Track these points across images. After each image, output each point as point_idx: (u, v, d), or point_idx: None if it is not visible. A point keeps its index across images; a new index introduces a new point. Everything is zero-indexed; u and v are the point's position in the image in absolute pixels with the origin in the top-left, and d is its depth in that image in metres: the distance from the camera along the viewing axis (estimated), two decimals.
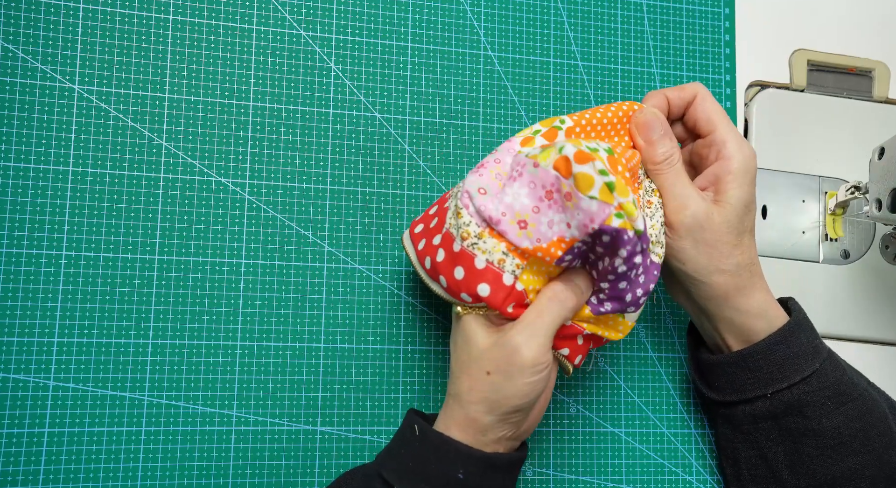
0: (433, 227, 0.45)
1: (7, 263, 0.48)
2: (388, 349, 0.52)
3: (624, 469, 0.54)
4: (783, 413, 0.48)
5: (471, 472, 0.41)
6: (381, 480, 0.42)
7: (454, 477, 0.41)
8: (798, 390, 0.47)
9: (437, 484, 0.41)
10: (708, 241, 0.47)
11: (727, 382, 0.50)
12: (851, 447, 0.47)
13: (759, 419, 0.49)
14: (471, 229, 0.42)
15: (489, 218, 0.42)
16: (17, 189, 0.48)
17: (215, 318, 0.50)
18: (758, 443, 0.50)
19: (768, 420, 0.49)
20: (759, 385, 0.48)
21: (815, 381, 0.47)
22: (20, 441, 0.47)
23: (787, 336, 0.48)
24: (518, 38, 0.57)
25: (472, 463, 0.41)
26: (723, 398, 0.51)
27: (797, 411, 0.48)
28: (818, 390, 0.47)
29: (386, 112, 0.54)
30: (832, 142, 0.62)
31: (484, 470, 0.42)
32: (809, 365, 0.48)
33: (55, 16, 0.50)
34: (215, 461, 0.49)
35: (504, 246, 0.42)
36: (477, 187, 0.43)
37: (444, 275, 0.43)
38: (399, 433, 0.44)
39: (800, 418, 0.48)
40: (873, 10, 0.65)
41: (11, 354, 0.47)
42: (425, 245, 0.45)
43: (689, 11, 0.60)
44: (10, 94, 0.49)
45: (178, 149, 0.51)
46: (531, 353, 0.41)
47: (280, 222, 0.52)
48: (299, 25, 0.54)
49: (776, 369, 0.48)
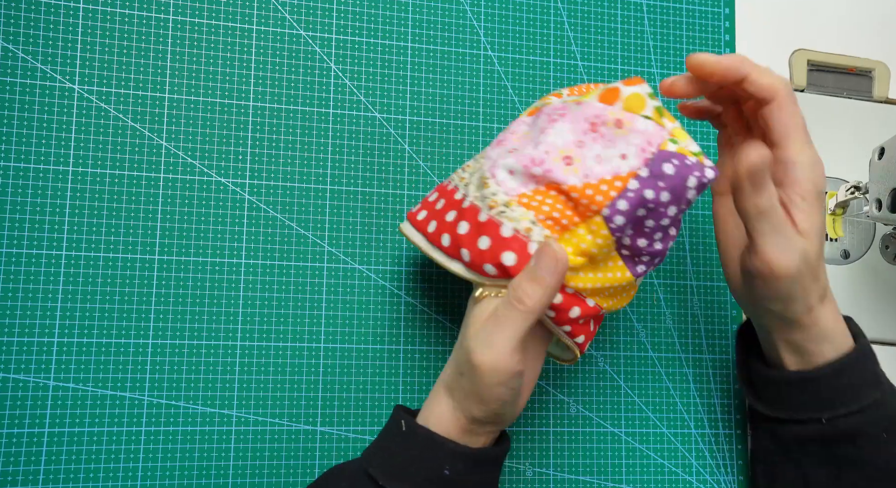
0: (441, 209, 0.44)
1: (7, 263, 0.48)
2: (388, 349, 0.52)
3: (624, 469, 0.54)
4: (834, 440, 0.46)
5: (457, 469, 0.41)
6: (368, 477, 0.42)
7: (440, 473, 0.41)
8: (855, 419, 0.45)
9: (424, 480, 0.41)
10: (802, 281, 0.44)
11: (781, 400, 0.48)
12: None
13: (808, 441, 0.47)
14: (498, 198, 0.41)
15: (531, 160, 0.40)
16: (17, 189, 0.48)
17: (215, 318, 0.50)
18: (800, 464, 0.48)
19: (817, 443, 0.47)
20: (816, 409, 0.46)
21: (873, 412, 0.45)
22: (20, 441, 0.47)
23: (852, 364, 0.46)
24: (518, 38, 0.57)
25: (459, 460, 0.41)
26: (773, 414, 0.49)
27: (849, 440, 0.46)
28: (875, 422, 0.45)
29: (386, 112, 0.54)
30: (832, 142, 0.62)
31: (469, 466, 0.42)
32: (869, 395, 0.46)
33: (55, 16, 0.50)
34: (215, 461, 0.49)
35: (532, 214, 0.40)
36: (506, 150, 0.42)
37: (468, 247, 0.41)
38: (386, 429, 0.44)
39: (851, 447, 0.46)
40: (873, 10, 0.65)
41: (11, 354, 0.47)
42: (437, 226, 0.44)
43: (689, 11, 0.60)
44: (10, 94, 0.49)
45: (178, 149, 0.51)
46: (491, 363, 0.39)
47: (280, 222, 0.52)
48: (299, 25, 0.54)
49: (836, 396, 0.46)
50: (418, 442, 0.42)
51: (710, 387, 0.57)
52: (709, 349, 0.57)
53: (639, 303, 0.57)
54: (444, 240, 0.43)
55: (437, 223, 0.44)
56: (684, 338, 0.57)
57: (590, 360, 0.55)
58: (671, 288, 0.57)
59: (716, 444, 0.56)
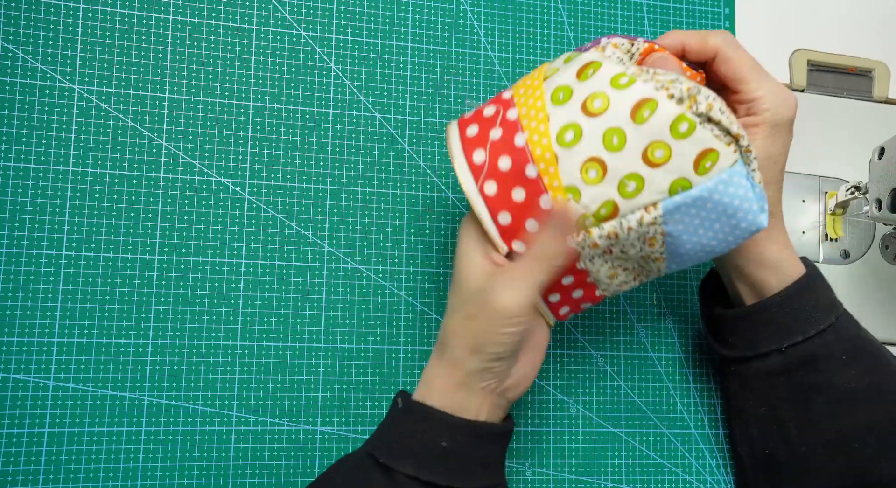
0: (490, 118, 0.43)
1: (7, 263, 0.48)
2: (388, 349, 0.52)
3: (624, 469, 0.54)
4: (796, 367, 0.47)
5: (456, 440, 0.41)
6: (371, 458, 0.42)
7: (438, 446, 0.41)
8: (813, 344, 0.47)
9: (424, 454, 0.41)
10: None
11: (741, 337, 0.49)
12: (862, 401, 0.47)
13: (772, 375, 0.48)
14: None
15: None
16: (17, 189, 0.48)
17: (215, 318, 0.50)
18: (768, 400, 0.49)
19: (781, 375, 0.48)
20: (773, 339, 0.48)
21: (830, 335, 0.47)
22: (20, 441, 0.47)
23: (801, 289, 0.47)
24: (518, 38, 0.57)
25: (457, 431, 0.42)
26: (736, 354, 0.50)
27: (811, 365, 0.47)
28: (833, 343, 0.47)
29: (386, 112, 0.54)
30: (832, 142, 0.62)
31: (468, 438, 0.42)
32: (825, 318, 0.47)
33: (55, 16, 0.50)
34: (215, 461, 0.49)
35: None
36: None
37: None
38: (387, 413, 0.45)
39: (813, 372, 0.47)
40: (873, 10, 0.65)
41: (11, 354, 0.47)
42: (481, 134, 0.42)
43: (689, 11, 0.60)
44: (10, 94, 0.49)
45: (178, 149, 0.51)
46: (506, 303, 0.40)
47: (280, 222, 0.52)
48: (299, 25, 0.54)
49: (791, 322, 0.47)
50: (414, 417, 0.42)
51: (710, 387, 0.57)
52: (709, 349, 0.57)
53: (639, 303, 0.57)
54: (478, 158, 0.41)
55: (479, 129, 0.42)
56: (684, 338, 0.57)
57: (590, 360, 0.55)
58: (671, 288, 0.57)
59: (716, 444, 0.56)
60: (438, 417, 0.42)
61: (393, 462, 0.41)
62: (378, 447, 0.43)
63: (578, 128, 0.39)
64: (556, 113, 0.40)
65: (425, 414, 0.42)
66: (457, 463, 0.42)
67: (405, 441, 0.42)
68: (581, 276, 0.43)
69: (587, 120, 0.39)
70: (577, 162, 0.39)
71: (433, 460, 0.41)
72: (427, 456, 0.41)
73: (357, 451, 0.44)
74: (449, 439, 0.41)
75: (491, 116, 0.42)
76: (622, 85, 0.39)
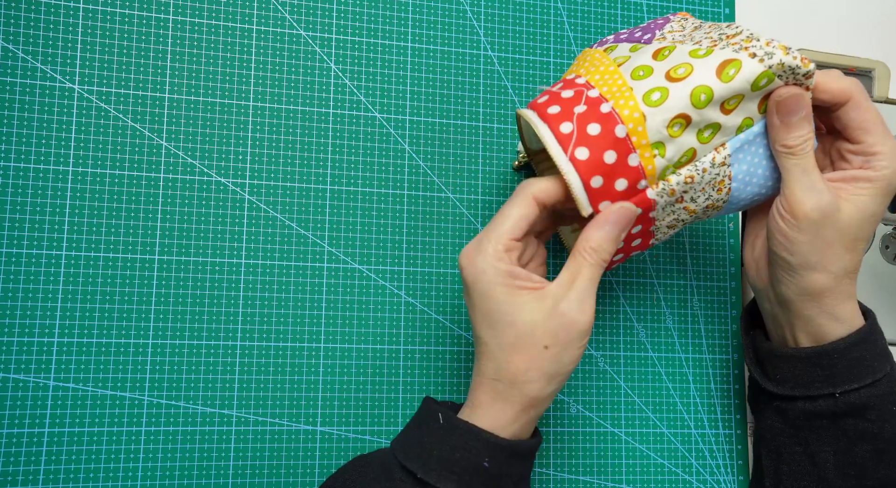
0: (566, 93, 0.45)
1: (7, 263, 0.48)
2: (388, 349, 0.52)
3: (624, 469, 0.54)
4: (845, 413, 0.47)
5: (497, 460, 0.41)
6: (403, 469, 0.41)
7: (479, 465, 0.41)
8: (867, 393, 0.46)
9: (462, 472, 0.41)
10: (826, 239, 0.44)
11: (792, 376, 0.48)
12: None
13: (816, 417, 0.48)
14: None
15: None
16: (17, 189, 0.48)
17: (215, 318, 0.50)
18: (808, 441, 0.48)
19: (827, 419, 0.47)
20: (827, 383, 0.47)
21: (884, 384, 0.46)
22: (20, 441, 0.47)
23: (864, 338, 0.46)
24: (518, 38, 0.57)
25: (499, 452, 0.41)
26: (783, 391, 0.49)
27: (859, 413, 0.46)
28: (886, 393, 0.46)
29: (386, 112, 0.54)
30: None
31: (508, 458, 0.42)
32: (881, 368, 0.46)
33: (55, 16, 0.50)
34: (215, 461, 0.49)
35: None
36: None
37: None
38: (417, 421, 0.44)
39: (861, 420, 0.46)
40: (873, 10, 0.65)
41: (11, 354, 0.47)
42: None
43: (689, 11, 0.60)
44: (10, 94, 0.49)
45: (178, 149, 0.51)
46: (585, 318, 0.41)
47: (280, 222, 0.52)
48: (299, 25, 0.54)
49: (849, 370, 0.46)
50: (458, 435, 0.42)
51: (710, 387, 0.57)
52: (709, 349, 0.57)
53: (639, 302, 0.57)
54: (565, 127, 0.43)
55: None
56: (684, 338, 0.57)
57: (590, 360, 0.55)
58: (671, 288, 0.57)
59: (716, 444, 0.56)
60: (485, 438, 0.41)
61: (433, 478, 0.41)
62: (412, 459, 0.42)
63: (665, 89, 0.42)
64: (639, 85, 0.43)
65: (471, 433, 0.41)
66: (495, 481, 0.42)
67: (446, 458, 0.41)
68: (647, 225, 0.45)
69: (672, 84, 0.42)
70: (664, 118, 0.42)
71: (474, 479, 0.41)
72: (469, 475, 0.41)
73: (381, 456, 0.43)
74: (491, 459, 0.41)
75: (571, 97, 0.44)
76: (701, 55, 0.43)
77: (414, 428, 0.44)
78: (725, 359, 0.57)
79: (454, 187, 0.55)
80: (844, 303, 0.46)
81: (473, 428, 0.42)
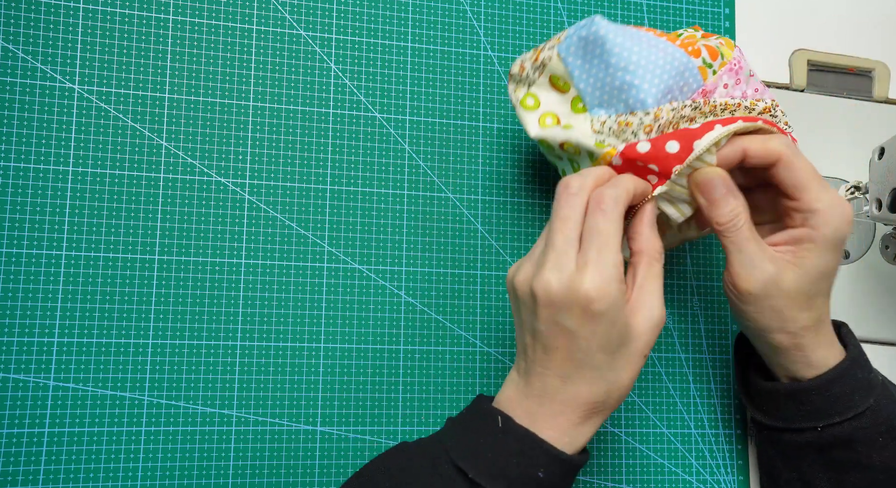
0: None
1: (7, 263, 0.48)
2: (388, 349, 0.52)
3: (624, 469, 0.54)
4: (831, 446, 0.47)
5: (551, 472, 0.41)
6: (454, 467, 0.41)
7: (535, 476, 0.41)
8: (850, 426, 0.46)
9: (518, 480, 0.41)
10: (775, 307, 0.45)
11: (776, 409, 0.49)
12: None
13: (805, 447, 0.48)
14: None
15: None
16: (17, 189, 0.48)
17: (215, 318, 0.50)
18: (800, 469, 0.49)
19: (814, 449, 0.47)
20: (810, 418, 0.47)
21: (867, 417, 0.46)
22: (20, 441, 0.47)
23: (842, 374, 0.46)
24: (518, 38, 0.57)
25: (556, 464, 0.41)
26: (771, 423, 0.49)
27: (846, 445, 0.46)
28: (871, 427, 0.46)
29: (386, 112, 0.54)
30: (832, 142, 0.62)
31: (561, 470, 0.41)
32: (863, 402, 0.46)
33: (55, 16, 0.50)
34: (215, 461, 0.49)
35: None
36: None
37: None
38: (469, 418, 0.43)
39: (849, 452, 0.46)
40: (873, 10, 0.65)
41: (11, 354, 0.47)
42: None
43: (689, 11, 0.60)
44: (10, 94, 0.49)
45: (178, 149, 0.51)
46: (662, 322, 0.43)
47: (280, 222, 0.52)
48: (299, 25, 0.54)
49: (828, 405, 0.46)
50: (517, 441, 0.41)
51: (710, 387, 0.57)
52: (709, 349, 0.57)
53: None
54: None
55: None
56: (684, 337, 0.57)
57: None
58: (671, 288, 0.57)
59: (716, 444, 0.56)
60: (545, 449, 0.41)
61: (485, 480, 0.40)
62: (466, 458, 0.41)
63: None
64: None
65: (529, 439, 0.41)
66: None
67: (501, 462, 0.41)
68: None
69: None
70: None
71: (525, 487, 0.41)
72: (521, 483, 0.41)
73: (430, 448, 0.43)
74: (546, 470, 0.41)
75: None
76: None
77: (466, 426, 0.43)
78: (725, 359, 0.57)
79: (454, 187, 0.55)
80: (815, 351, 0.46)
81: (534, 436, 0.41)
